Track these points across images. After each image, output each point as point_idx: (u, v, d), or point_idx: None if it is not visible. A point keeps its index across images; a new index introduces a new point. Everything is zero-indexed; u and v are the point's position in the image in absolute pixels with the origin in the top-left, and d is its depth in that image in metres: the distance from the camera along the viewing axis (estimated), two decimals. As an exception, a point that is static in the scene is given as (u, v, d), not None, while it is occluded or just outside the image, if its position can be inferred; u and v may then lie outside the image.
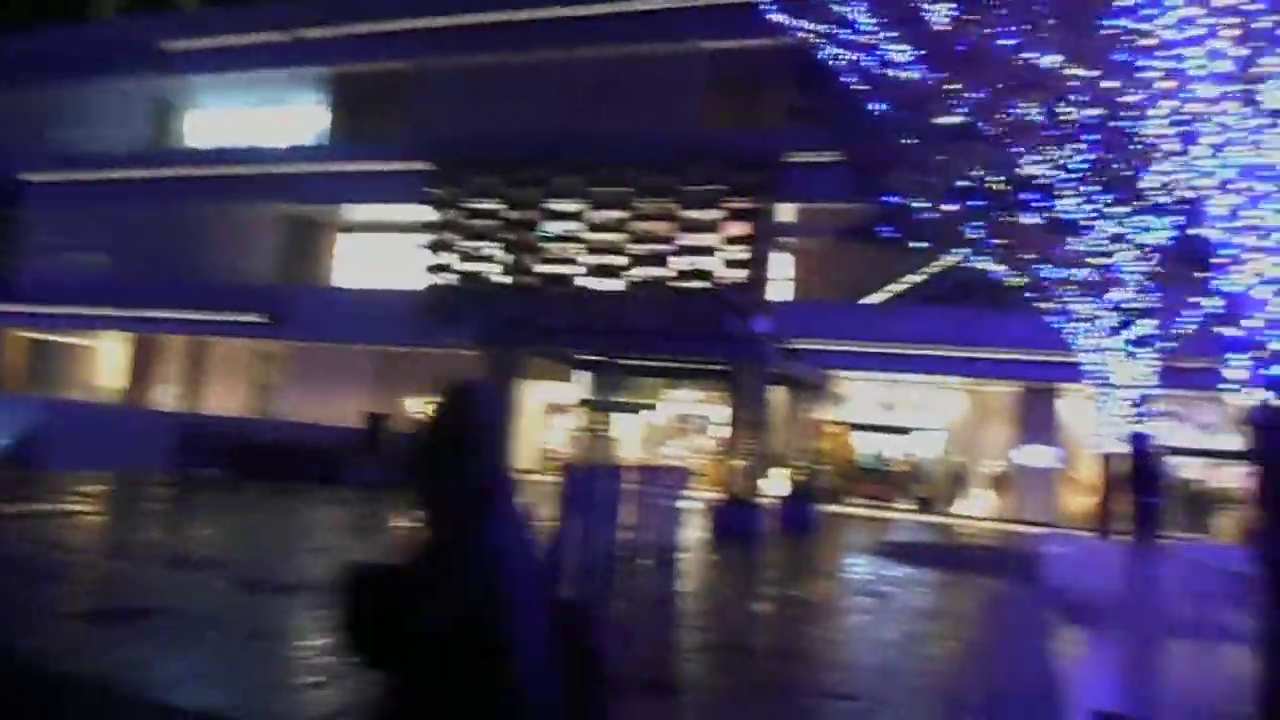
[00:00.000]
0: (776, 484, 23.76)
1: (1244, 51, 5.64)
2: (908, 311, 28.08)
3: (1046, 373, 26.18)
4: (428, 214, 32.10)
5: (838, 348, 26.41)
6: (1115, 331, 11.12)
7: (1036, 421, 28.05)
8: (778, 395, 22.43)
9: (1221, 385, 6.55)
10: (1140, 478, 10.91)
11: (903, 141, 15.64)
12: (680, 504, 14.15)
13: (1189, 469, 26.80)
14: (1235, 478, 26.64)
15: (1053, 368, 26.00)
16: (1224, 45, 5.80)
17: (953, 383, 28.84)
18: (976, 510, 28.36)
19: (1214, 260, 5.72)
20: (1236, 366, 5.35)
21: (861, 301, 29.27)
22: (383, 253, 35.43)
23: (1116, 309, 11.12)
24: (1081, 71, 10.64)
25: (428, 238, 31.93)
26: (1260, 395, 5.63)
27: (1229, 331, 5.36)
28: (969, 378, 27.86)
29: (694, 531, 16.27)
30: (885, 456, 30.07)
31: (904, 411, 29.72)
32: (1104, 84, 9.98)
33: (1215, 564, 14.26)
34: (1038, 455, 27.78)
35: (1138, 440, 10.99)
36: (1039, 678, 8.01)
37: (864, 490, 29.86)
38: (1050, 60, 10.77)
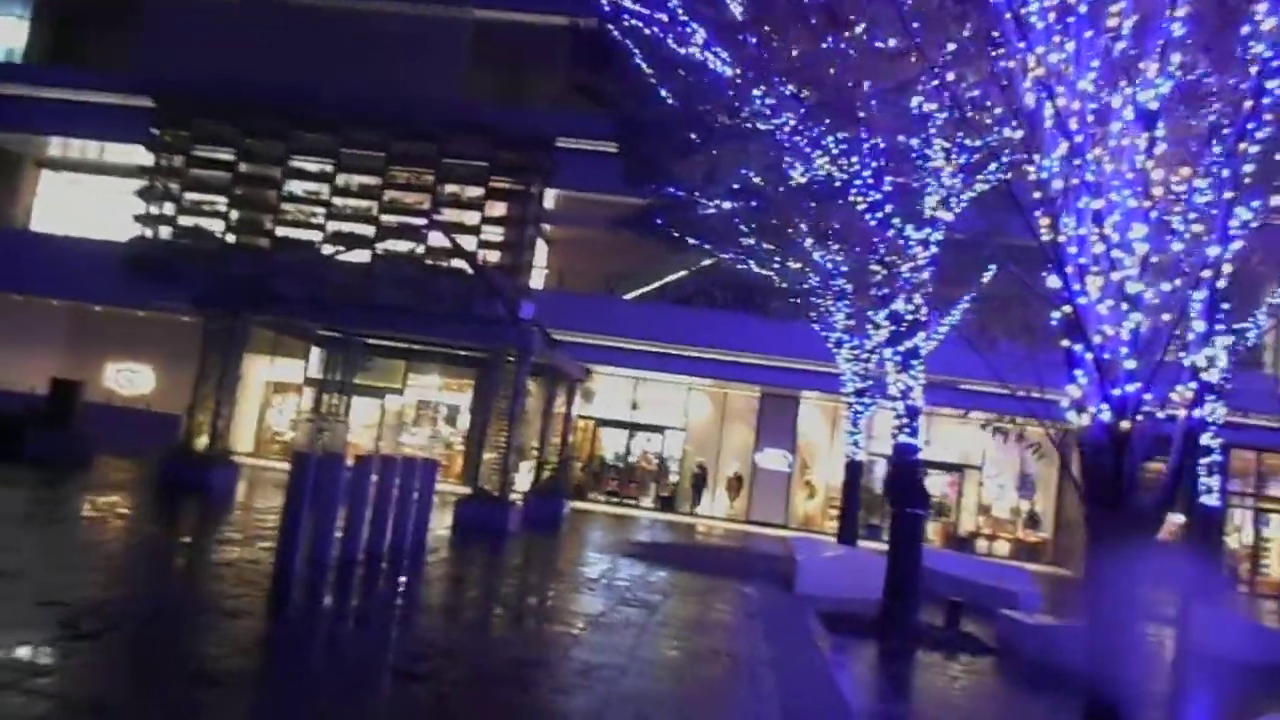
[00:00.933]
0: (526, 479, 22.83)
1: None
2: (663, 310, 28.00)
3: (788, 379, 26.98)
4: (148, 157, 28.35)
5: (591, 341, 25.84)
6: (891, 343, 10.99)
7: (775, 426, 28.82)
8: (533, 386, 21.42)
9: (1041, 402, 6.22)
10: (902, 488, 10.86)
11: (690, 136, 15.09)
12: (424, 499, 12.92)
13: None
14: (941, 486, 28.84)
15: (794, 374, 26.87)
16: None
17: (699, 383, 29.08)
18: (717, 510, 28.74)
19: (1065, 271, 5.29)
20: (1076, 384, 5.15)
21: (621, 296, 28.90)
22: (94, 197, 30.90)
23: (893, 320, 10.99)
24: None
25: (145, 183, 28.18)
26: (1093, 414, 5.29)
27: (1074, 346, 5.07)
28: (715, 380, 28.17)
29: (437, 529, 14.97)
30: (631, 454, 29.86)
31: (650, 410, 29.65)
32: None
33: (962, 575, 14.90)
34: (775, 459, 28.56)
35: (902, 451, 10.92)
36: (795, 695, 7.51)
37: (609, 487, 29.53)
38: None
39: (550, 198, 28.61)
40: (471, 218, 27.51)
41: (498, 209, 27.69)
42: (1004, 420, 9.10)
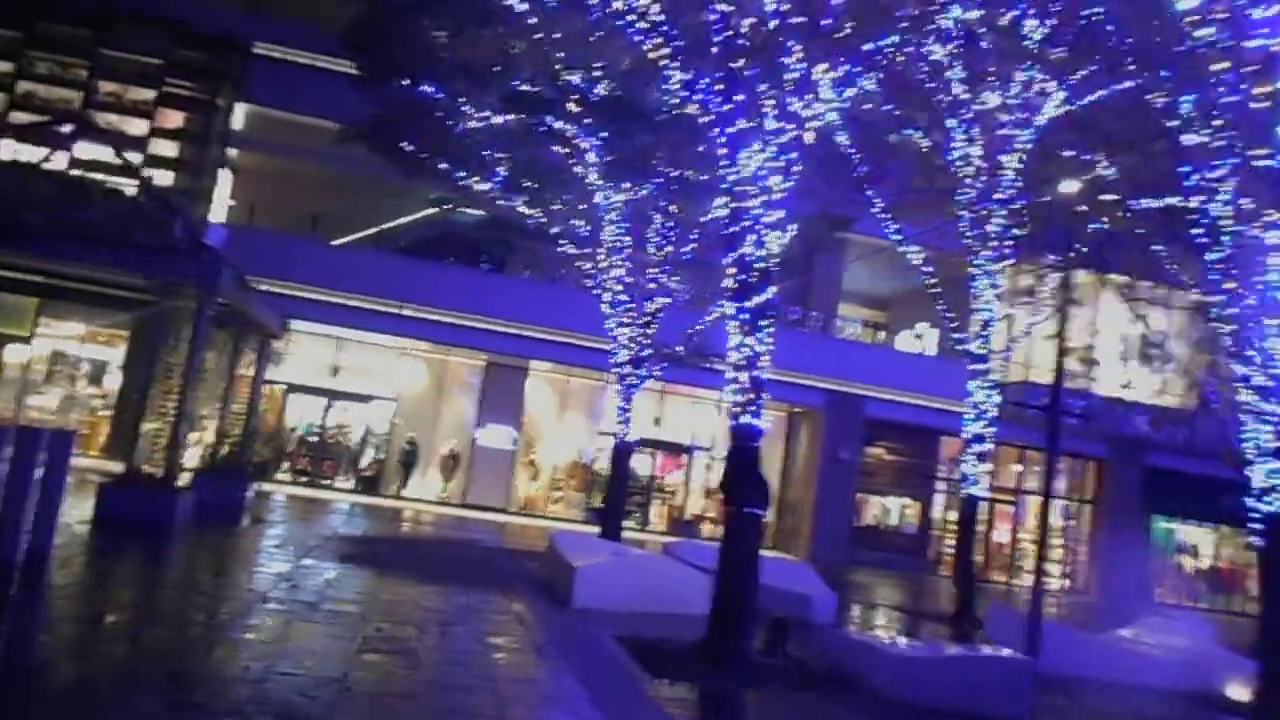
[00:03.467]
0: (197, 456, 18.30)
1: None
2: (377, 259, 24.10)
3: (518, 346, 24.10)
4: None
5: (285, 291, 21.52)
6: (738, 297, 8.51)
7: (500, 399, 25.86)
8: (216, 340, 17.02)
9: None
10: (739, 481, 8.43)
11: (436, 32, 11.76)
12: (53, 483, 8.90)
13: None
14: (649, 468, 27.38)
15: (525, 341, 24.03)
16: None
17: (415, 347, 25.45)
18: (427, 493, 25.32)
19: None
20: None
21: (328, 241, 24.62)
22: None
23: (740, 267, 8.49)
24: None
25: None
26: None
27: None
28: (434, 344, 24.72)
29: (73, 524, 10.71)
30: (328, 427, 25.62)
31: (352, 376, 25.56)
32: None
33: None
34: (498, 436, 25.62)
35: (742, 435, 8.50)
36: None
37: (300, 466, 25.16)
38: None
39: (242, 115, 23.66)
40: (138, 126, 22.06)
41: (173, 119, 22.43)
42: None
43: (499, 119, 12.60)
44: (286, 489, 22.74)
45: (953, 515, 27.87)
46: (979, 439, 15.73)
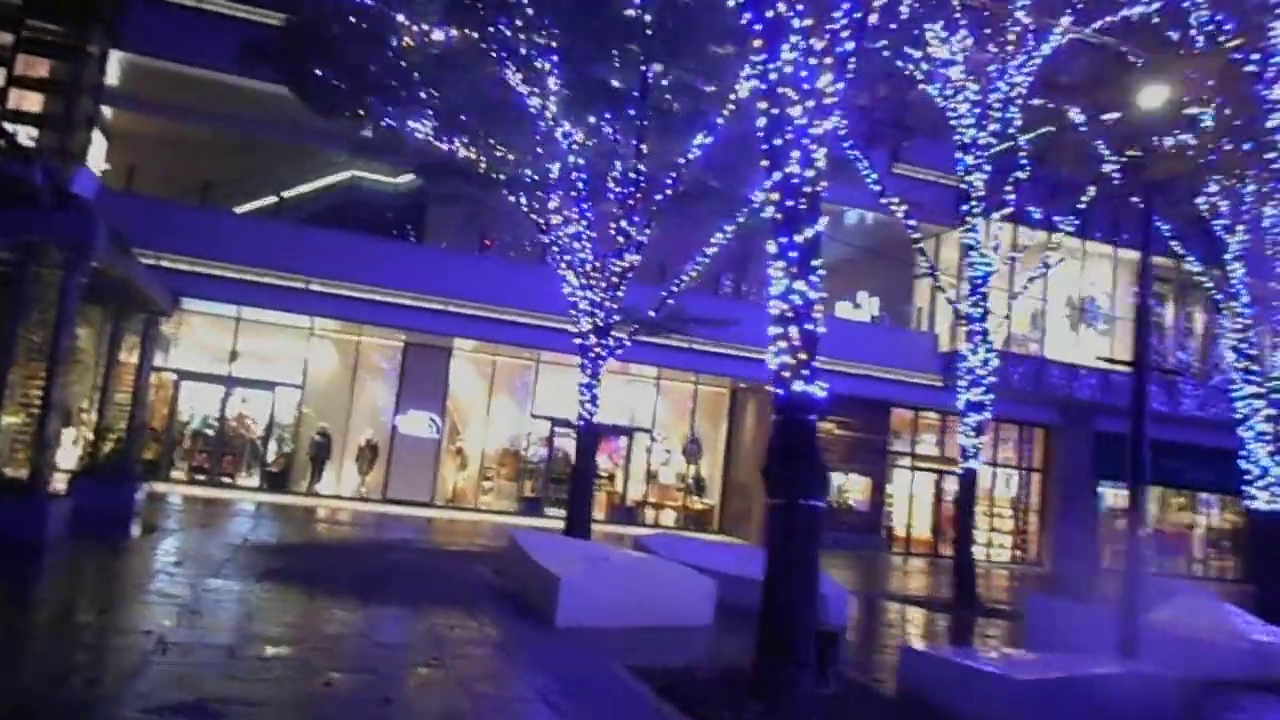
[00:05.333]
0: (71, 456, 15.64)
1: None
2: (278, 230, 21.46)
3: (440, 324, 21.79)
4: None
5: (174, 265, 18.83)
6: (785, 229, 6.67)
7: (421, 382, 23.52)
8: (93, 319, 14.43)
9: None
10: (793, 465, 6.60)
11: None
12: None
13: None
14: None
15: (448, 318, 21.73)
16: None
17: (324, 327, 22.91)
18: (344, 488, 22.87)
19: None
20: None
21: (223, 208, 21.87)
22: None
23: (785, 191, 6.63)
24: None
25: None
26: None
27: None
28: (346, 322, 22.22)
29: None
30: (227, 418, 22.88)
31: (253, 361, 22.85)
32: None
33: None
34: (419, 423, 23.31)
35: (795, 407, 6.65)
36: None
37: (196, 462, 22.40)
38: None
39: (118, 66, 20.68)
40: (-10, 75, 19.00)
41: (35, 68, 19.40)
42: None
43: (439, 34, 10.42)
44: (182, 489, 20.04)
45: (897, 491, 27.09)
46: (976, 407, 14.27)
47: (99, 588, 9.22)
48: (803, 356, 6.71)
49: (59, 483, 12.82)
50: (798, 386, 6.69)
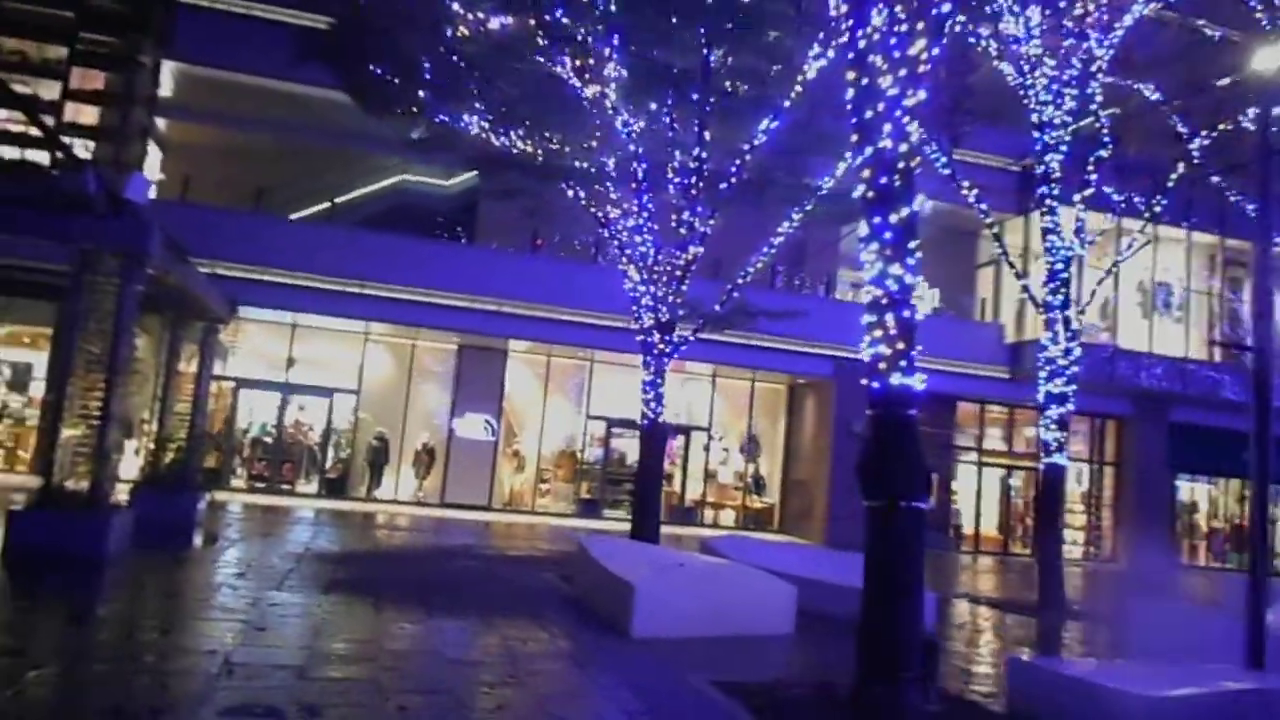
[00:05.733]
0: (133, 467, 15.60)
1: None
2: (333, 234, 21.34)
3: (495, 325, 21.49)
4: None
5: (230, 273, 18.74)
6: (878, 207, 6.17)
7: (476, 385, 23.28)
8: (151, 327, 14.33)
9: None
10: (892, 463, 6.10)
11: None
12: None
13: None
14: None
15: (503, 319, 21.43)
16: None
17: (379, 332, 22.77)
18: (402, 493, 22.73)
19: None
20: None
21: (277, 215, 21.82)
22: None
23: (880, 165, 6.12)
24: None
25: None
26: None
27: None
28: (400, 325, 22.02)
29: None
30: (285, 425, 22.84)
31: (309, 367, 22.78)
32: None
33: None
34: (476, 426, 23.07)
35: (891, 401, 6.14)
36: None
37: (255, 470, 22.38)
38: None
39: (170, 76, 20.71)
40: (48, 89, 19.07)
41: (90, 80, 19.47)
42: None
43: (495, 22, 10.07)
44: (242, 497, 19.99)
45: (964, 487, 26.29)
46: (1058, 399, 13.57)
47: (161, 603, 8.99)
48: (901, 346, 6.19)
49: (121, 493, 12.73)
50: (896, 379, 6.17)
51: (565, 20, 10.03)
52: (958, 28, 11.11)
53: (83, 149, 18.57)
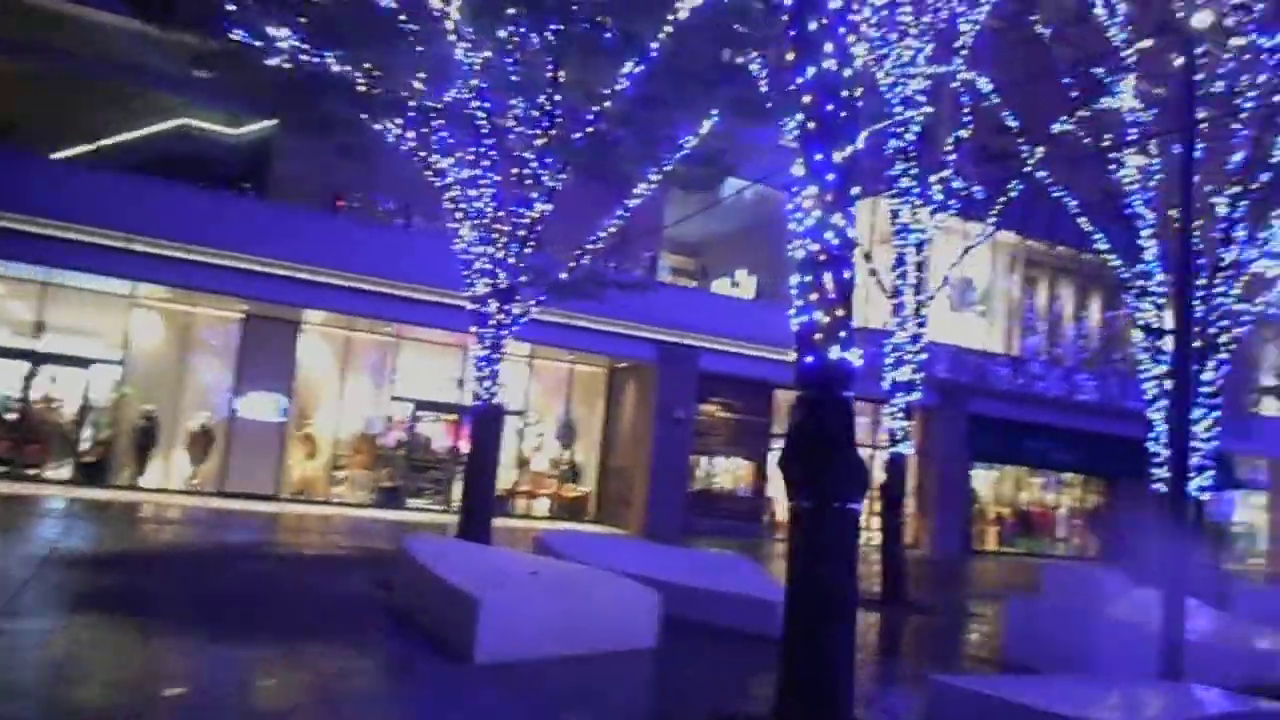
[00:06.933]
0: None
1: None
2: (94, 179, 18.30)
3: (288, 292, 19.16)
4: None
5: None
6: (817, 142, 5.04)
7: (264, 359, 20.84)
8: None
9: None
10: (823, 455, 5.03)
11: None
12: None
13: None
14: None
15: (298, 286, 19.08)
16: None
17: (152, 294, 19.92)
18: (172, 479, 20.00)
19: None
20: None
21: (20, 155, 18.50)
22: None
23: (823, 90, 5.00)
24: None
25: None
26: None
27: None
28: (176, 289, 19.31)
29: None
30: (32, 400, 19.57)
31: (64, 333, 19.62)
32: None
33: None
34: (263, 405, 20.66)
35: (822, 380, 5.06)
36: None
37: (-6, 451, 19.04)
38: None
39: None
40: None
41: None
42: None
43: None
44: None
45: (779, 475, 26.09)
46: (905, 387, 13.13)
47: None
48: (840, 313, 5.12)
49: None
50: (833, 352, 5.08)
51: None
52: None
53: None
